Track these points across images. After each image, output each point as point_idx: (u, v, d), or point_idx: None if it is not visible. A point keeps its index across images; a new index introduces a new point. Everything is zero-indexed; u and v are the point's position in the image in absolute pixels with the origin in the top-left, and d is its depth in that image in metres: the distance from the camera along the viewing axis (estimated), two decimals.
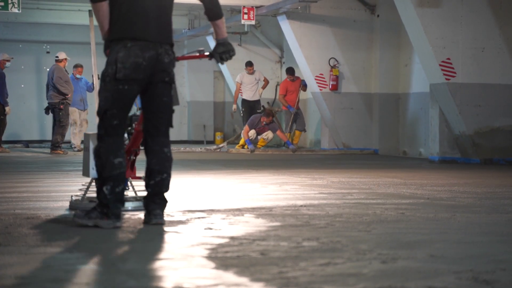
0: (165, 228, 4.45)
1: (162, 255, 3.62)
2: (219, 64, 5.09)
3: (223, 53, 4.78)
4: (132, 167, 5.12)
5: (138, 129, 4.88)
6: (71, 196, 5.55)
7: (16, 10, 14.44)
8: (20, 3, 14.40)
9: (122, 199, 4.54)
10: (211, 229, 4.42)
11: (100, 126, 4.55)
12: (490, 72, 11.55)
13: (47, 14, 17.69)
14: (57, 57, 14.41)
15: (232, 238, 4.08)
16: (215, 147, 16.22)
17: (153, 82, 4.59)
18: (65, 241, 3.99)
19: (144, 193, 5.43)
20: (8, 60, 14.54)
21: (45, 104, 14.71)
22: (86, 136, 5.28)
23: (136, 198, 5.33)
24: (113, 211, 4.47)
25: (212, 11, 4.75)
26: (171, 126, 4.71)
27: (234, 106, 17.29)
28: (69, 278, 3.07)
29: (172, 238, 4.13)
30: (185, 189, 6.94)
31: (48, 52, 20.15)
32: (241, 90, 16.88)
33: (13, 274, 3.11)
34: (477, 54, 11.51)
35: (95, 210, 4.49)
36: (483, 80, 11.53)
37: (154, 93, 4.62)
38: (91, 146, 5.12)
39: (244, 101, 16.86)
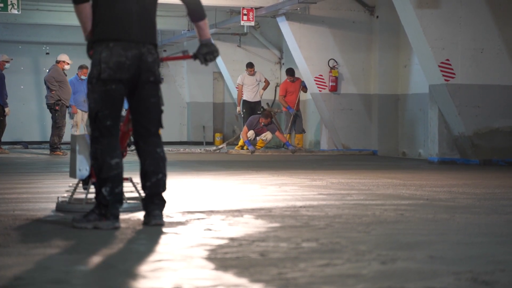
0: (164, 229, 4.45)
1: (162, 256, 3.62)
2: (217, 65, 5.10)
3: (206, 54, 4.77)
4: None
5: (124, 130, 4.88)
6: (58, 197, 5.55)
7: (15, 11, 14.45)
8: (20, 4, 14.41)
9: (121, 200, 4.55)
10: (210, 230, 4.42)
11: (94, 128, 4.55)
12: (489, 73, 11.55)
13: (47, 15, 17.69)
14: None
15: (231, 239, 4.08)
16: (214, 148, 16.22)
17: (140, 83, 4.58)
18: (64, 242, 3.99)
19: (133, 194, 5.46)
20: (7, 61, 14.55)
21: (45, 105, 14.74)
22: (73, 137, 5.28)
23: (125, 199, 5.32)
24: (111, 212, 4.47)
25: (195, 13, 4.74)
26: (161, 126, 4.71)
27: (239, 108, 17.27)
28: (68, 279, 3.07)
29: (171, 239, 4.13)
30: (184, 190, 6.94)
31: (47, 53, 20.16)
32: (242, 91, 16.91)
33: (12, 275, 3.11)
34: (476, 55, 11.51)
35: (94, 213, 4.49)
36: (482, 81, 11.53)
37: (141, 94, 4.60)
38: (78, 147, 5.12)
39: (245, 102, 16.87)
